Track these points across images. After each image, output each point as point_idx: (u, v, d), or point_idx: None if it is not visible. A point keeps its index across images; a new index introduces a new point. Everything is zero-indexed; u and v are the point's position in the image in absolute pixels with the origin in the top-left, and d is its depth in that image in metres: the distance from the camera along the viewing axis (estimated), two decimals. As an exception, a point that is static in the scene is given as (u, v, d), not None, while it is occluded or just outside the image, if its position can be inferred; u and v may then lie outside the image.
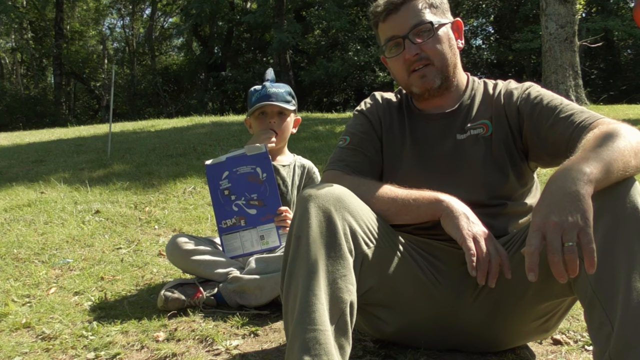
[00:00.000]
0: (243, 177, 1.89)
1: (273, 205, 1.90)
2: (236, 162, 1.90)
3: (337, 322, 1.08)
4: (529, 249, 0.96)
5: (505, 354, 1.42)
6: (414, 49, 1.35)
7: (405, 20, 1.36)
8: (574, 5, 7.21)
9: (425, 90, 1.39)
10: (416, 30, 1.35)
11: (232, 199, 1.89)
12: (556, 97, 1.34)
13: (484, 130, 1.39)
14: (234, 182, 1.89)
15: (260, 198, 1.90)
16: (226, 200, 1.90)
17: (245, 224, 1.90)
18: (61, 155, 5.86)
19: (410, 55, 1.36)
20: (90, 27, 26.93)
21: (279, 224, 1.90)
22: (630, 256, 1.00)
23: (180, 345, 1.57)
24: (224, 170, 1.90)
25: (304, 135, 6.15)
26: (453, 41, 1.41)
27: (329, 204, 1.16)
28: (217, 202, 1.89)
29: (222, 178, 1.90)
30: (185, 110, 17.88)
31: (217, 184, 1.89)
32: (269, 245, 1.91)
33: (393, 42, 1.38)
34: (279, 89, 2.09)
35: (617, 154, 1.03)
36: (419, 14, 1.36)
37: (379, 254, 1.25)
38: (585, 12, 16.85)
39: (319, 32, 21.21)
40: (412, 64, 1.37)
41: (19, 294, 2.07)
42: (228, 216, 1.90)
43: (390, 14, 1.37)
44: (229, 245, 1.91)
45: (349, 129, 1.50)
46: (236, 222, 1.89)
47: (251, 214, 1.89)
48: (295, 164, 2.17)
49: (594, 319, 1.02)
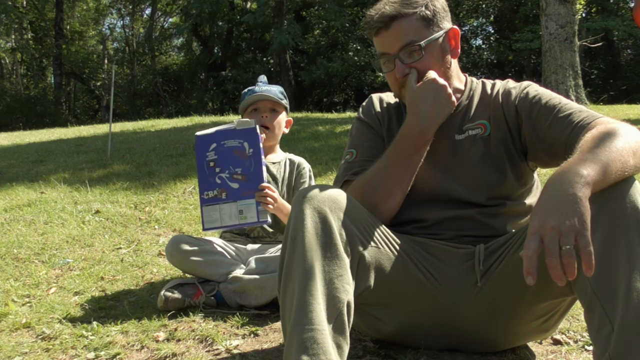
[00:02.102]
0: (229, 151, 1.89)
1: (256, 180, 1.87)
2: (224, 135, 1.90)
3: (334, 321, 1.08)
4: (526, 252, 0.96)
5: (505, 354, 1.42)
6: (403, 69, 1.35)
7: (394, 39, 1.34)
8: (574, 5, 7.21)
9: None
10: (405, 50, 1.34)
11: (217, 171, 1.89)
12: (555, 96, 1.34)
13: (482, 131, 1.39)
14: (220, 155, 1.89)
15: (244, 173, 1.88)
16: (210, 172, 1.89)
17: (226, 197, 1.88)
18: (61, 155, 5.86)
19: (399, 76, 1.36)
20: (90, 27, 26.92)
21: (259, 199, 1.86)
22: (631, 256, 1.00)
23: (180, 345, 1.57)
24: (212, 142, 1.90)
25: (304, 135, 6.15)
26: (446, 53, 1.38)
27: (324, 205, 1.16)
28: (203, 173, 1.90)
29: (209, 149, 1.90)
30: (185, 110, 17.87)
31: (204, 155, 1.89)
32: (247, 220, 1.88)
33: (385, 59, 1.39)
34: (271, 88, 2.13)
35: (615, 154, 1.03)
36: (409, 34, 1.33)
37: (376, 254, 1.25)
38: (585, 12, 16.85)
39: (319, 32, 21.21)
40: (402, 82, 1.38)
41: (19, 294, 2.07)
42: (210, 187, 1.89)
43: (381, 30, 1.35)
44: (208, 216, 1.90)
45: (353, 141, 1.51)
46: (217, 195, 1.88)
47: (233, 187, 1.88)
48: (285, 161, 2.18)
49: (594, 319, 1.03)
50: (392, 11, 1.33)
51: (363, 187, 1.36)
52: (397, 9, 1.33)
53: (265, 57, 21.40)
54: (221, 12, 20.41)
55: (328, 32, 20.20)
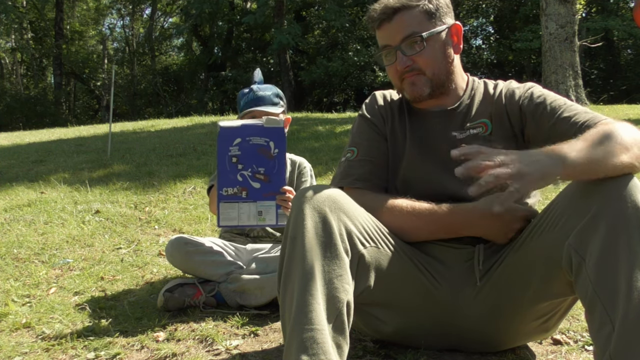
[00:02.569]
0: (254, 148, 1.79)
1: (278, 182, 1.81)
2: (251, 131, 1.79)
3: (334, 321, 1.08)
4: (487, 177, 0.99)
5: (505, 354, 1.42)
6: (404, 61, 1.36)
7: (397, 31, 1.35)
8: (574, 5, 7.21)
9: (415, 97, 1.40)
10: (407, 42, 1.35)
11: (239, 167, 1.79)
12: (559, 97, 1.35)
13: (484, 130, 1.39)
14: (244, 151, 1.79)
15: (267, 173, 1.81)
16: (232, 168, 1.79)
17: (247, 197, 1.81)
18: (61, 155, 5.86)
19: (401, 67, 1.37)
20: (90, 27, 26.91)
21: (280, 202, 1.81)
22: (632, 255, 1.00)
23: (180, 345, 1.57)
24: (237, 136, 1.78)
25: (304, 135, 6.15)
26: (449, 47, 1.39)
27: (324, 205, 1.16)
28: (223, 168, 1.79)
29: (233, 144, 1.78)
30: (185, 110, 17.87)
31: (227, 149, 1.78)
32: (265, 222, 1.83)
33: (386, 51, 1.39)
34: (266, 92, 2.07)
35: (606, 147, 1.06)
36: (411, 25, 1.34)
37: (376, 254, 1.25)
38: (585, 12, 16.85)
39: (319, 32, 21.21)
40: (403, 74, 1.38)
41: (19, 294, 2.07)
42: (231, 184, 1.80)
43: (384, 22, 1.37)
44: (225, 214, 1.81)
45: (355, 138, 1.50)
46: (237, 192, 1.80)
47: (254, 187, 1.80)
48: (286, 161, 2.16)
49: (595, 318, 1.02)
50: (395, 3, 1.34)
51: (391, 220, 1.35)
52: (400, 1, 1.34)
53: (265, 57, 21.40)
54: (221, 12, 20.43)
55: (328, 32, 20.21)
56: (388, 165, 1.45)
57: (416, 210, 1.33)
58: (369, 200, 1.35)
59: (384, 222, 1.32)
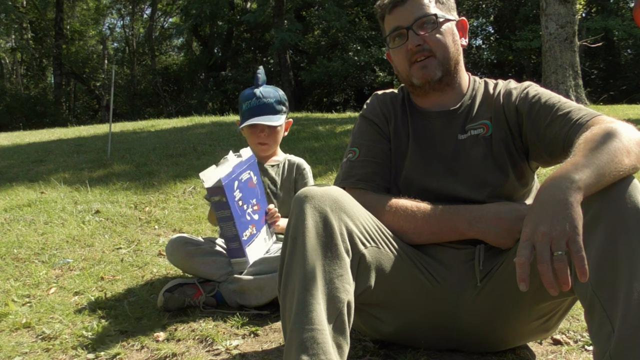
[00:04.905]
0: (246, 184, 1.82)
1: (264, 205, 1.92)
2: (239, 170, 1.80)
3: (334, 321, 1.07)
4: (519, 259, 0.96)
5: (505, 354, 1.42)
6: (416, 39, 1.36)
7: (410, 12, 1.37)
8: (574, 5, 7.21)
9: (426, 81, 1.38)
10: (420, 22, 1.36)
11: (245, 208, 1.79)
12: (554, 95, 1.35)
13: (484, 131, 1.39)
14: (242, 190, 1.79)
15: (258, 202, 1.87)
16: (242, 211, 1.78)
17: (256, 231, 1.85)
18: (61, 155, 5.86)
19: (412, 46, 1.36)
20: (90, 27, 26.91)
21: (270, 221, 1.94)
22: (631, 256, 0.99)
23: (180, 345, 1.57)
24: (235, 180, 1.77)
25: (304, 135, 6.15)
26: (457, 37, 1.42)
27: (325, 204, 1.16)
28: (237, 215, 1.74)
29: (234, 189, 1.76)
30: (185, 110, 17.88)
31: (233, 197, 1.74)
32: (268, 243, 1.93)
33: (397, 33, 1.40)
34: (269, 99, 2.06)
35: (608, 156, 1.03)
36: (424, 7, 1.37)
37: (376, 254, 1.25)
38: (585, 12, 16.85)
39: (319, 32, 21.20)
40: (414, 55, 1.37)
41: (19, 294, 2.07)
42: (246, 227, 1.79)
43: (397, 5, 1.39)
44: (252, 255, 1.82)
45: (356, 139, 1.50)
46: (252, 232, 1.82)
47: (255, 219, 1.85)
48: (285, 163, 2.17)
49: (594, 319, 1.02)
50: None
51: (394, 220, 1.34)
52: None
53: (266, 57, 21.40)
54: (221, 12, 20.43)
55: (328, 32, 20.20)
56: (390, 166, 1.45)
57: (418, 211, 1.33)
58: (370, 200, 1.35)
59: (386, 222, 1.32)
